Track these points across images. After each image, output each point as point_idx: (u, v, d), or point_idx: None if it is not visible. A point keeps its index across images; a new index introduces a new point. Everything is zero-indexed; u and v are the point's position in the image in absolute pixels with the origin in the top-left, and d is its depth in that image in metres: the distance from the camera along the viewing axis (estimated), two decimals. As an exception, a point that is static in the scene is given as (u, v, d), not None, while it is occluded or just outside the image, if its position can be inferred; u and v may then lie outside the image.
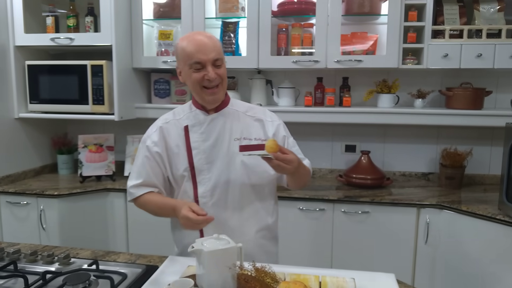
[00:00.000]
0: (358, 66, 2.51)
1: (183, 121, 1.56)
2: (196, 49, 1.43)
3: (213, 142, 1.52)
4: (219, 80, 1.46)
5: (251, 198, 1.56)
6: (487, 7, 2.49)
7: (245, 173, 1.52)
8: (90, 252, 1.58)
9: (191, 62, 1.44)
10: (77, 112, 2.67)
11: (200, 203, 1.52)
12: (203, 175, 1.52)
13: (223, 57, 1.50)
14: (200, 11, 2.59)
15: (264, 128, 1.57)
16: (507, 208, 2.07)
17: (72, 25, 2.73)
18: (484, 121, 2.49)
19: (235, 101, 1.63)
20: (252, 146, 1.53)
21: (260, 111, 1.62)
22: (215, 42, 1.48)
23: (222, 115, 1.54)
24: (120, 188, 2.61)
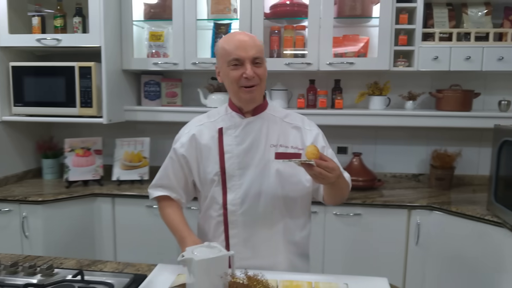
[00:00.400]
0: (350, 69, 2.52)
1: (218, 123, 1.50)
2: (235, 46, 1.39)
3: (248, 146, 1.45)
4: (257, 80, 1.41)
5: (282, 210, 1.48)
6: (475, 11, 2.54)
7: (279, 182, 1.45)
8: (75, 261, 1.50)
9: (229, 59, 1.40)
10: (64, 115, 2.59)
11: (228, 211, 1.45)
12: (234, 181, 1.45)
13: (264, 58, 1.46)
14: (192, 12, 2.57)
15: (302, 137, 1.51)
16: (495, 209, 2.10)
17: (60, 26, 2.66)
18: (473, 123, 2.53)
19: (274, 106, 1.57)
20: (288, 154, 1.46)
21: (298, 118, 1.56)
22: (255, 41, 1.43)
23: (259, 119, 1.48)
24: (108, 193, 2.54)
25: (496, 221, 2.05)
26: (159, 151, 2.96)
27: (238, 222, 1.44)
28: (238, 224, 1.45)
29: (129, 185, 2.68)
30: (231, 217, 1.45)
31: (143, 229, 2.53)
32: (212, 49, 2.66)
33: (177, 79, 2.82)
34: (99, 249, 2.59)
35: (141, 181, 2.71)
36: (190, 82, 2.93)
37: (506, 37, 2.48)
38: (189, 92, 2.92)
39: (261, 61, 1.42)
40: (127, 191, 2.54)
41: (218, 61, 1.47)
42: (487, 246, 2.10)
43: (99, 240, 2.58)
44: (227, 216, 1.45)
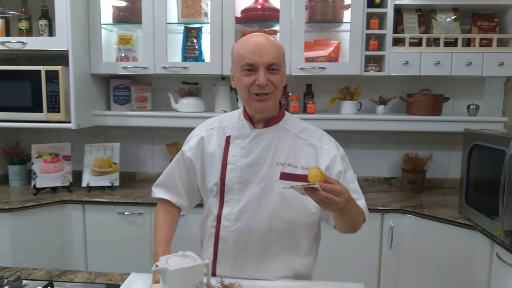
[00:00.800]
0: (322, 73, 2.52)
1: (228, 130, 1.41)
2: (250, 50, 1.28)
3: (253, 160, 1.34)
4: (271, 88, 1.28)
5: (281, 234, 1.35)
6: (444, 17, 2.57)
7: (281, 206, 1.33)
8: (44, 272, 1.46)
9: (242, 63, 1.28)
10: (31, 121, 2.52)
11: (221, 225, 1.37)
12: (233, 195, 1.35)
13: (282, 64, 1.33)
14: (162, 15, 2.52)
15: (317, 156, 1.36)
16: (466, 212, 2.13)
17: (25, 28, 2.58)
18: (443, 127, 2.56)
19: (291, 119, 1.42)
20: (296, 176, 1.32)
21: (317, 135, 1.41)
22: (275, 45, 1.31)
23: (270, 132, 1.36)
24: (78, 199, 2.48)
25: (468, 224, 2.09)
26: (130, 156, 2.93)
27: (229, 238, 1.36)
28: (229, 240, 1.36)
29: (99, 191, 2.62)
30: (223, 232, 1.37)
31: (115, 236, 2.48)
32: (183, 52, 2.62)
33: (147, 83, 2.78)
34: (69, 257, 2.53)
35: (112, 187, 2.66)
36: (160, 87, 2.88)
37: (474, 43, 2.51)
38: (160, 96, 2.87)
39: (278, 67, 1.30)
40: (97, 197, 2.49)
41: (233, 65, 1.37)
42: (459, 248, 2.14)
43: (69, 248, 2.52)
44: (219, 229, 1.37)
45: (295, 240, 1.39)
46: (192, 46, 2.60)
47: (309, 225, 1.39)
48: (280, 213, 1.34)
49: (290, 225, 1.35)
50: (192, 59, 2.59)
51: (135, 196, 2.50)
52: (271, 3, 2.59)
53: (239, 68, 1.31)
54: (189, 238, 1.86)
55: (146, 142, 2.94)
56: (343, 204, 1.14)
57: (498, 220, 1.81)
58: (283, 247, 1.37)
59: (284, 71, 1.34)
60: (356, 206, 1.29)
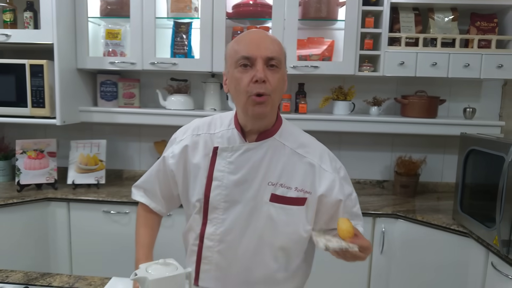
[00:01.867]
0: (315, 72, 2.45)
1: (216, 138, 1.24)
2: (246, 43, 1.12)
3: (241, 178, 1.20)
4: (268, 88, 1.11)
5: (268, 260, 1.24)
6: (442, 16, 2.49)
7: (269, 229, 1.21)
8: (21, 274, 1.41)
9: (237, 57, 1.11)
10: (15, 115, 2.45)
11: (204, 245, 1.25)
12: (217, 214, 1.23)
13: (283, 63, 1.16)
14: (151, 10, 2.45)
15: (314, 178, 1.22)
16: (460, 218, 2.08)
17: (9, 21, 2.51)
18: (438, 130, 2.50)
19: (288, 130, 1.26)
20: (288, 199, 1.20)
21: (317, 152, 1.25)
22: (275, 40, 1.16)
23: (263, 148, 1.20)
24: (62, 197, 2.43)
25: (462, 231, 2.03)
26: (117, 153, 2.87)
27: (212, 259, 1.26)
28: (212, 261, 1.26)
29: (85, 189, 2.57)
30: (206, 252, 1.26)
31: (100, 235, 2.43)
32: (172, 48, 2.55)
33: (135, 79, 2.71)
34: (53, 256, 2.48)
35: (98, 185, 2.60)
36: (148, 83, 2.81)
37: (472, 44, 2.44)
38: (148, 93, 2.81)
39: (278, 64, 1.13)
40: (82, 195, 2.44)
41: (226, 65, 1.20)
42: (453, 255, 2.09)
43: (54, 247, 2.47)
44: (201, 249, 1.27)
45: (285, 264, 1.27)
46: (182, 41, 2.52)
47: (299, 247, 1.28)
48: (268, 237, 1.22)
49: (279, 248, 1.24)
50: (181, 55, 2.52)
51: (121, 194, 2.45)
52: (263, -1, 2.51)
53: (233, 65, 1.14)
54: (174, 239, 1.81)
55: (133, 139, 2.88)
56: (364, 259, 1.11)
57: (495, 229, 1.75)
58: (270, 269, 1.26)
59: (284, 73, 1.19)
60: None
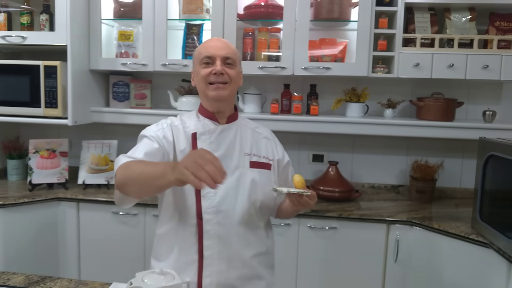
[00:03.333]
0: (327, 74, 2.40)
1: (190, 129, 1.44)
2: (208, 46, 1.43)
3: (223, 153, 1.41)
4: (226, 78, 1.40)
5: (255, 220, 1.44)
6: (459, 16, 2.42)
7: (254, 191, 1.42)
8: (23, 277, 1.40)
9: (201, 57, 1.41)
10: (29, 116, 2.49)
11: (204, 220, 1.36)
12: (208, 189, 1.27)
13: (238, 64, 1.46)
14: (162, 12, 2.46)
15: (273, 148, 1.54)
16: (480, 227, 1.96)
17: (26, 23, 2.57)
18: (456, 134, 2.40)
19: (243, 117, 1.57)
20: (261, 164, 1.47)
21: (267, 130, 1.60)
22: (230, 44, 1.46)
23: (233, 127, 1.47)
24: (72, 197, 2.44)
25: (482, 241, 1.91)
26: (128, 154, 2.87)
27: (213, 232, 1.36)
28: (213, 234, 1.36)
29: (95, 189, 2.58)
30: (206, 226, 1.36)
31: (109, 236, 2.43)
32: (183, 50, 2.55)
33: (146, 81, 2.72)
34: (62, 256, 2.49)
35: (108, 185, 2.61)
36: (160, 84, 2.82)
37: (491, 44, 2.35)
38: (159, 94, 2.81)
39: (233, 63, 1.42)
40: (92, 195, 2.45)
41: (193, 64, 1.48)
42: (472, 267, 1.97)
43: (63, 246, 2.48)
44: (202, 225, 1.36)
45: (265, 223, 1.51)
46: (193, 43, 2.53)
47: (270, 206, 1.51)
48: (254, 198, 1.42)
49: (262, 208, 1.45)
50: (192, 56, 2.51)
51: (130, 195, 2.44)
52: (275, 0, 2.49)
53: (198, 63, 1.42)
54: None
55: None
56: (312, 207, 1.42)
57: (517, 241, 1.64)
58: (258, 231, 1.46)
59: (240, 71, 1.46)
60: None
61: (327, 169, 2.56)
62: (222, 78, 1.39)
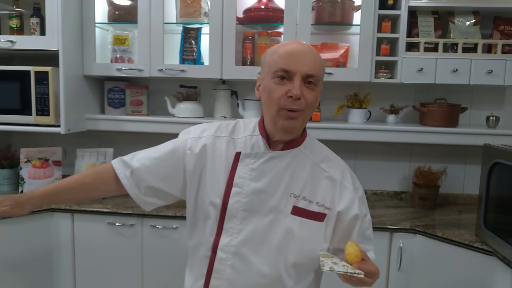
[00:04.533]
0: (329, 79, 2.34)
1: (239, 144, 1.21)
2: (288, 55, 1.11)
3: (262, 187, 1.16)
4: (302, 104, 1.10)
5: (283, 276, 1.18)
6: (463, 20, 2.37)
7: (286, 243, 1.16)
8: None
9: (276, 68, 1.11)
10: (20, 124, 2.40)
11: (217, 257, 1.18)
12: (234, 223, 1.17)
13: (321, 81, 1.16)
14: (159, 15, 2.38)
15: (335, 194, 1.20)
16: (484, 235, 1.94)
17: (16, 27, 2.46)
18: (459, 140, 2.37)
19: (312, 143, 1.25)
20: (309, 213, 1.17)
21: (339, 167, 1.24)
22: (317, 56, 1.15)
23: (288, 157, 1.18)
24: (66, 208, 2.35)
25: (486, 250, 1.89)
26: (124, 162, 2.79)
27: (224, 273, 1.18)
28: (223, 275, 1.18)
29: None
30: (218, 265, 1.18)
31: (104, 248, 2.34)
32: (180, 54, 2.47)
33: (142, 86, 2.63)
34: (56, 269, 2.39)
35: (103, 195, 2.52)
36: (157, 90, 2.74)
37: (495, 49, 2.32)
38: (156, 100, 2.73)
39: (316, 82, 1.13)
40: (87, 206, 2.35)
41: (262, 71, 1.19)
42: (476, 276, 1.94)
43: (57, 259, 2.39)
44: (213, 262, 1.19)
45: (298, 280, 1.21)
46: (191, 47, 2.45)
47: (311, 267, 1.22)
48: (284, 252, 1.16)
49: (295, 265, 1.18)
50: (190, 61, 2.44)
51: (126, 205, 2.36)
52: (275, 3, 2.43)
53: (270, 74, 1.13)
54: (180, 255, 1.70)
55: (141, 147, 2.76)
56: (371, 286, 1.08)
57: (522, 249, 1.61)
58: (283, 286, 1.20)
59: (320, 90, 1.17)
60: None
61: (329, 177, 2.50)
62: (298, 105, 1.10)
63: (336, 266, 1.05)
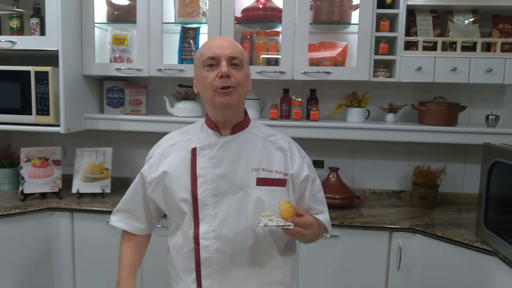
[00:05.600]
0: (327, 78, 2.34)
1: (192, 142, 1.31)
2: (211, 46, 1.26)
3: (224, 170, 1.26)
4: (234, 82, 1.23)
5: (264, 244, 1.28)
6: (462, 19, 2.36)
7: (260, 213, 1.24)
8: None
9: (204, 59, 1.24)
10: (20, 123, 2.41)
11: (201, 246, 1.24)
12: (208, 210, 1.24)
13: (246, 65, 1.29)
14: (158, 15, 2.39)
15: (287, 161, 1.32)
16: (484, 235, 1.92)
17: (16, 27, 2.48)
18: (458, 138, 2.35)
19: (256, 124, 1.39)
20: (272, 181, 1.28)
21: (285, 139, 1.38)
22: (235, 43, 1.30)
23: (239, 138, 1.30)
24: (66, 207, 2.36)
25: (486, 249, 1.87)
26: (123, 161, 2.80)
27: (212, 259, 1.24)
28: (212, 262, 1.24)
29: (89, 198, 2.50)
30: (204, 253, 1.24)
31: (104, 247, 2.35)
32: (179, 54, 2.48)
33: (141, 86, 2.64)
34: (56, 268, 2.41)
35: (103, 194, 2.53)
36: (156, 89, 2.75)
37: (494, 47, 2.31)
38: (155, 99, 2.74)
39: (241, 64, 1.26)
40: (87, 205, 2.37)
41: (195, 68, 1.32)
42: (476, 276, 1.93)
43: (57, 258, 2.41)
44: (199, 252, 1.25)
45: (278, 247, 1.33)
46: (189, 47, 2.45)
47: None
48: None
49: (269, 232, 1.29)
50: (189, 61, 2.45)
51: (125, 204, 2.37)
52: (273, 3, 2.43)
53: (200, 66, 1.26)
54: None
55: (140, 146, 2.81)
56: (311, 237, 1.20)
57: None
58: (269, 257, 1.31)
59: (248, 73, 1.31)
60: (319, 228, 1.31)
61: (327, 176, 2.50)
62: (229, 82, 1.22)
63: (270, 222, 1.15)
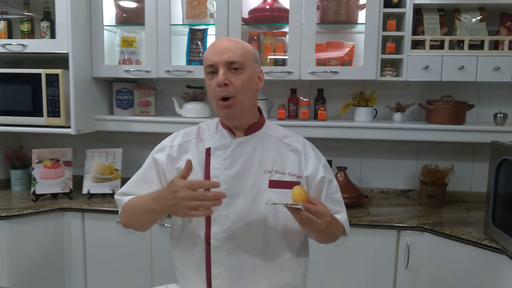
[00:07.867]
0: (334, 78, 2.35)
1: (207, 141, 1.31)
2: (209, 51, 1.23)
3: (237, 171, 1.25)
4: (231, 90, 1.19)
5: (276, 247, 1.28)
6: (469, 17, 2.36)
7: (273, 215, 1.25)
8: None
9: (205, 66, 1.24)
10: (31, 125, 2.45)
11: (212, 246, 1.24)
12: (220, 211, 1.24)
13: (249, 65, 1.23)
14: (166, 17, 2.41)
15: (301, 163, 1.31)
16: (492, 233, 1.92)
17: (27, 31, 2.52)
18: (466, 137, 2.35)
19: (271, 125, 1.37)
20: (284, 183, 1.26)
21: (300, 140, 1.37)
22: (238, 44, 1.23)
23: (253, 140, 1.29)
24: (77, 207, 2.40)
25: (495, 247, 1.87)
26: (133, 162, 2.83)
27: (222, 260, 1.25)
28: (222, 263, 1.25)
29: (100, 198, 2.54)
30: (215, 254, 1.25)
31: (114, 246, 2.39)
32: (187, 55, 2.51)
33: (150, 87, 2.67)
34: (68, 267, 2.45)
35: (113, 194, 2.56)
36: (164, 90, 2.78)
37: (502, 45, 2.30)
38: (164, 100, 2.77)
39: (242, 67, 1.20)
40: (97, 205, 2.40)
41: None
42: (485, 274, 1.93)
43: (68, 257, 2.44)
44: (210, 252, 1.26)
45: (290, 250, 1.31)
46: (197, 48, 2.48)
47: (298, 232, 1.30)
48: (273, 222, 1.26)
49: (284, 234, 1.28)
50: (197, 62, 2.47)
51: (135, 205, 2.40)
52: (280, 3, 2.44)
53: (205, 73, 1.26)
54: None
55: (150, 147, 2.79)
56: (323, 227, 1.14)
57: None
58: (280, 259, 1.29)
59: (254, 73, 1.26)
60: (336, 224, 1.28)
61: (335, 175, 2.50)
62: (227, 91, 1.18)
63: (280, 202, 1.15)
